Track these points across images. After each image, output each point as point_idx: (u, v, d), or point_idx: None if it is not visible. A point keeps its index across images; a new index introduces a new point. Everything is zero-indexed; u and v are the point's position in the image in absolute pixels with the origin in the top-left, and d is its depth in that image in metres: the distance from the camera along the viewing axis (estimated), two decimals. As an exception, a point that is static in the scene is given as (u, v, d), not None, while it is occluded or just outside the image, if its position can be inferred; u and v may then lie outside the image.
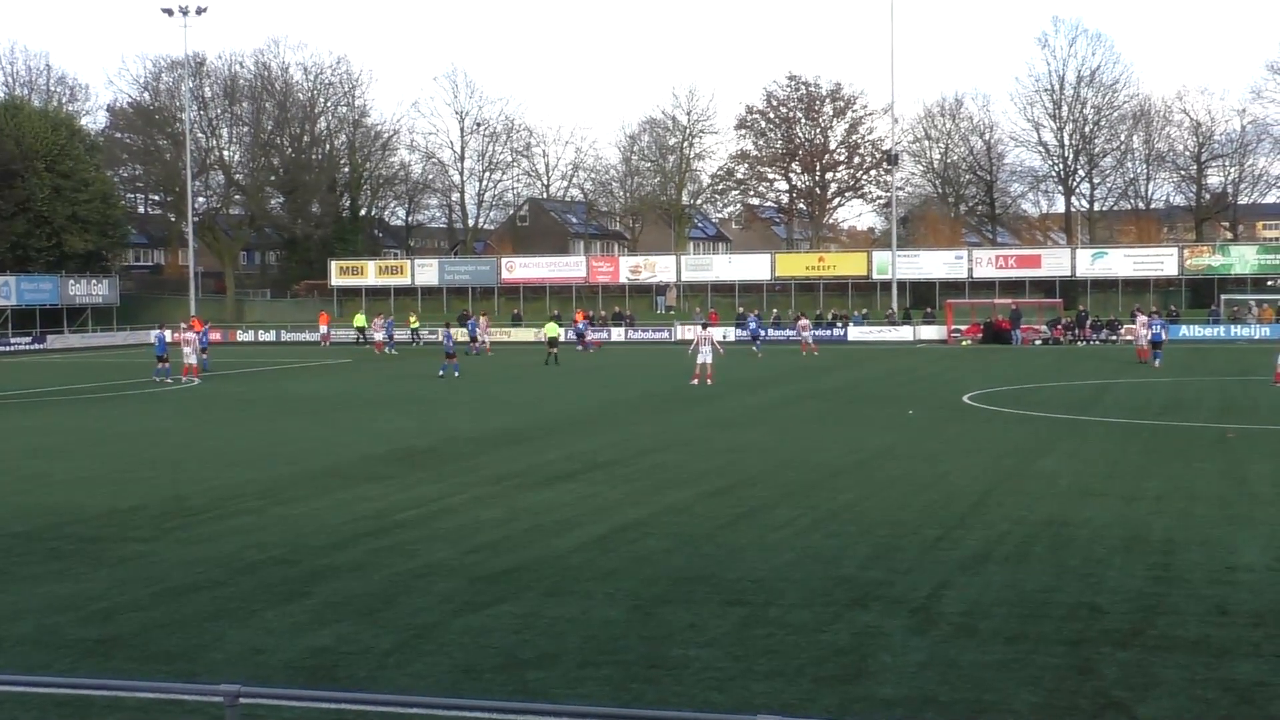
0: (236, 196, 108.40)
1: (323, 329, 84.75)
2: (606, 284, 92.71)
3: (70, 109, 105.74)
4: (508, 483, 23.09)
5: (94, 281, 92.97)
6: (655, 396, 40.40)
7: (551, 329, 62.88)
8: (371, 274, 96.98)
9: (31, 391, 46.60)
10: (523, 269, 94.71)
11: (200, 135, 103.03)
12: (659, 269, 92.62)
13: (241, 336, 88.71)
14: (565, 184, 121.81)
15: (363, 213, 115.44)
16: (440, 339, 58.21)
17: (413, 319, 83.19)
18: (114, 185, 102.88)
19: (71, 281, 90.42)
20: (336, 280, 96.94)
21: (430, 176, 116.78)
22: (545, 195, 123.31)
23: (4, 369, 61.68)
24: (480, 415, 35.24)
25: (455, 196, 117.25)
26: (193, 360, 51.66)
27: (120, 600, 14.79)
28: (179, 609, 14.35)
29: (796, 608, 14.04)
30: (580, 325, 76.37)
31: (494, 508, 20.60)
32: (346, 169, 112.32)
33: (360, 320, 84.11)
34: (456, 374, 51.47)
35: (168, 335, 54.20)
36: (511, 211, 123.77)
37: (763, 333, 73.46)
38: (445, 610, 14.19)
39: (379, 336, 75.23)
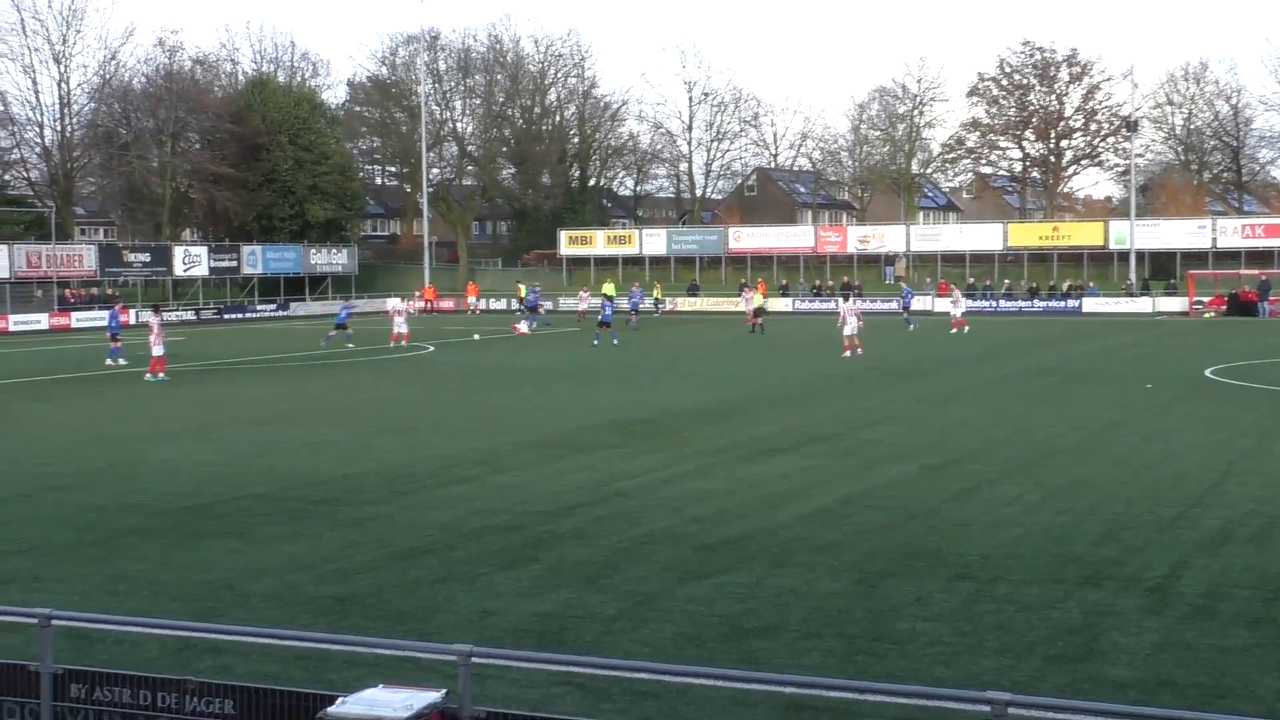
0: (469, 168, 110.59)
1: (471, 300, 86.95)
2: (834, 254, 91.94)
3: (312, 84, 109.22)
4: (726, 454, 23.13)
5: (334, 251, 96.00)
6: (870, 371, 39.96)
7: (757, 299, 62.94)
8: (600, 244, 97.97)
9: (273, 357, 48.39)
10: (750, 239, 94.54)
11: (435, 108, 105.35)
12: (887, 239, 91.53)
13: (472, 304, 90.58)
14: (793, 153, 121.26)
15: (591, 183, 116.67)
16: (598, 307, 57.47)
17: (658, 289, 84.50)
18: (352, 157, 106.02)
19: (313, 251, 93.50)
20: (566, 250, 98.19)
21: (658, 147, 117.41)
22: (773, 165, 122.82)
23: (250, 335, 64.18)
24: (695, 388, 35.31)
25: (683, 166, 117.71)
26: (403, 329, 52.91)
27: (355, 561, 15.29)
28: (410, 571, 14.78)
29: (1025, 584, 13.79)
30: (635, 295, 70.81)
31: (714, 478, 20.67)
32: (576, 140, 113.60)
33: (610, 289, 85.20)
34: (615, 341, 51.95)
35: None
36: (739, 181, 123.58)
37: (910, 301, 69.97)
38: (669, 578, 14.31)
39: (624, 305, 73.57)
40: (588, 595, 13.65)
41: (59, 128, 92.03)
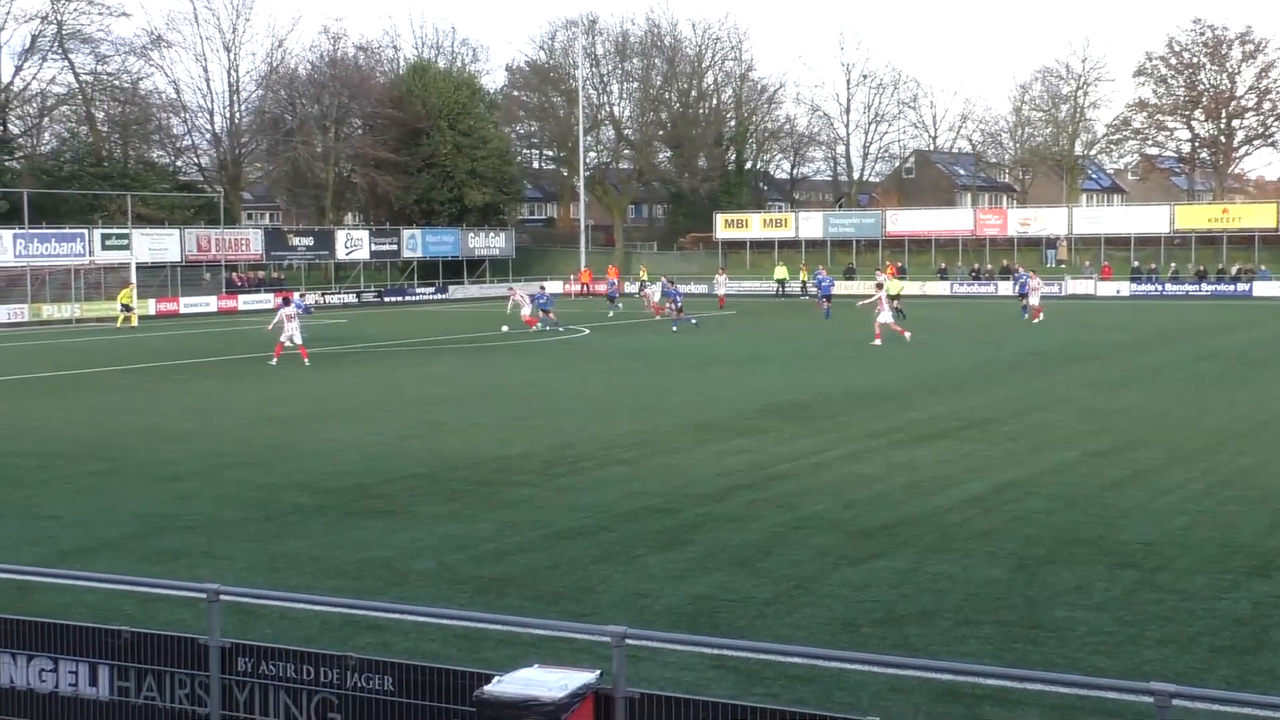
0: (626, 151, 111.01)
1: (577, 286, 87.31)
2: (994, 237, 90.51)
3: (472, 70, 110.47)
4: (883, 439, 22.91)
5: (491, 234, 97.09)
6: (1033, 355, 39.27)
7: (894, 285, 61.25)
8: (756, 227, 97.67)
9: (432, 340, 49.11)
10: (907, 221, 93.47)
11: (592, 92, 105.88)
12: (1049, 222, 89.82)
13: (628, 289, 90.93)
14: (953, 135, 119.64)
15: (748, 166, 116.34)
16: (660, 293, 55.92)
17: (804, 271, 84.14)
18: (510, 141, 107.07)
19: (471, 234, 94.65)
20: (722, 233, 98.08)
21: (815, 129, 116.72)
22: (932, 147, 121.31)
23: (409, 317, 65.21)
24: (852, 372, 35.03)
25: (840, 149, 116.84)
26: (526, 312, 53.32)
27: (511, 541, 15.46)
28: (565, 552, 14.90)
29: (1190, 573, 13.46)
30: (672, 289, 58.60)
31: (870, 463, 20.50)
32: (732, 123, 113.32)
33: (781, 272, 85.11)
34: (694, 322, 51.37)
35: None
36: (897, 164, 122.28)
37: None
38: (824, 563, 14.24)
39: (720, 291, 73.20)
40: (742, 579, 13.63)
41: (228, 114, 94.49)
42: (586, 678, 8.08)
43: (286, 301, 42.58)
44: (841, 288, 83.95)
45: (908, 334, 43.92)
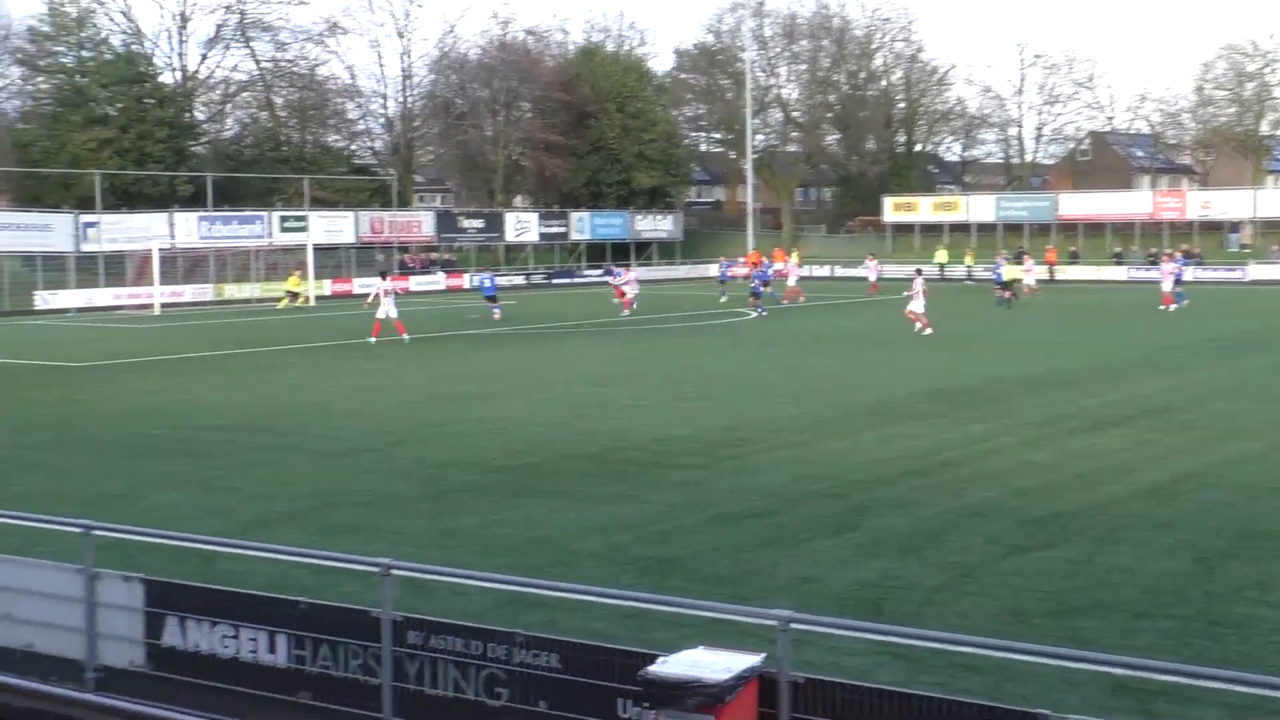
0: (794, 134, 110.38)
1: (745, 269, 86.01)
2: (1173, 220, 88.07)
3: (640, 53, 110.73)
4: (1056, 425, 22.48)
5: (659, 217, 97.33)
6: (1214, 342, 38.15)
7: (1011, 272, 59.24)
8: (925, 210, 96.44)
9: (598, 321, 49.41)
10: (1081, 204, 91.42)
11: (760, 74, 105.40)
12: (1232, 204, 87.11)
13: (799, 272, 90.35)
14: (1130, 116, 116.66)
15: (917, 148, 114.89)
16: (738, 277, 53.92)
17: (969, 256, 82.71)
18: (678, 124, 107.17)
19: (639, 217, 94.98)
20: (890, 216, 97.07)
21: (987, 111, 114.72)
22: (1108, 128, 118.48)
23: (578, 299, 65.68)
24: (1022, 357, 34.39)
25: (1012, 131, 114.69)
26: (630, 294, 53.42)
27: (677, 523, 15.51)
28: (731, 535, 14.90)
29: (1378, 573, 12.98)
30: (762, 270, 57.05)
31: (1042, 450, 20.13)
32: (902, 104, 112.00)
33: (943, 256, 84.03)
34: (764, 313, 50.39)
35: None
36: (1071, 145, 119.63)
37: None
38: (993, 551, 14.03)
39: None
40: (909, 565, 13.50)
41: (401, 99, 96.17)
42: (751, 661, 8.08)
43: (383, 276, 44.41)
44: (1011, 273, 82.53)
45: (929, 329, 41.70)
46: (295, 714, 9.59)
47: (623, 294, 53.97)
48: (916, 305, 42.94)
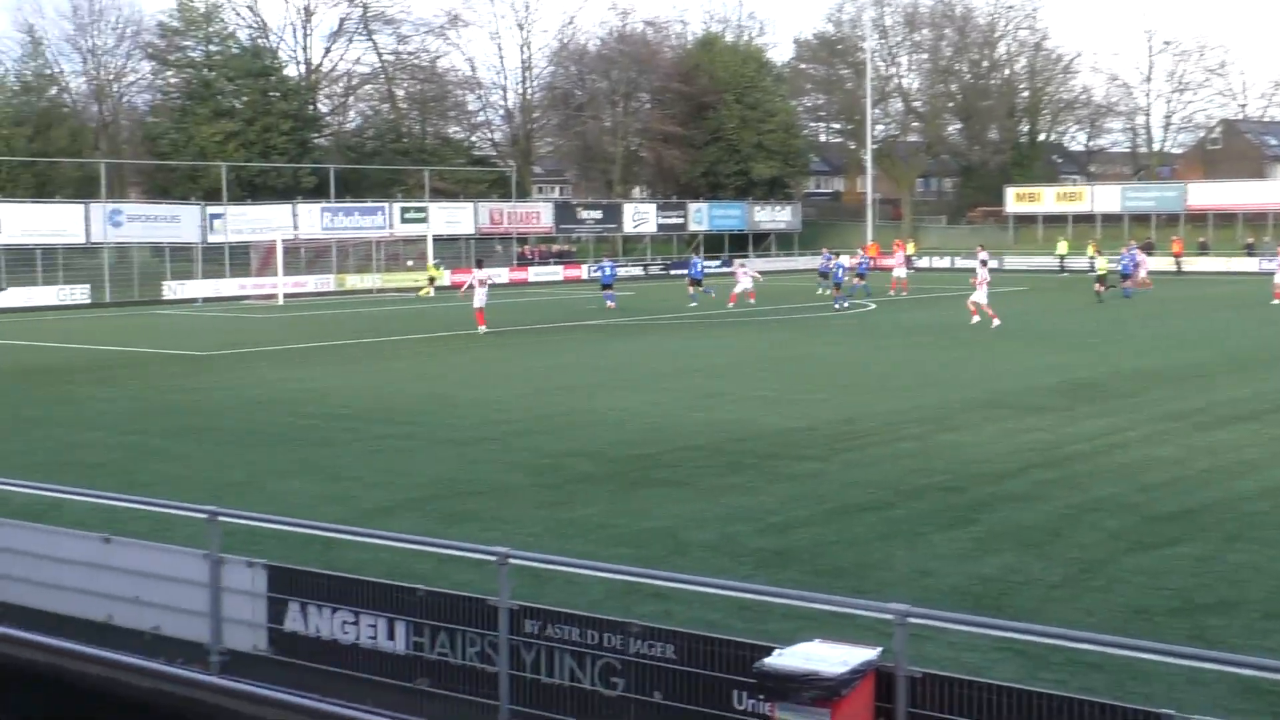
0: (914, 123, 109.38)
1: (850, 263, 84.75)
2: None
3: (759, 43, 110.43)
4: (1182, 420, 22.03)
5: (777, 208, 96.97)
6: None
7: (1103, 266, 57.12)
8: (1048, 200, 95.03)
9: (715, 313, 49.34)
10: (1212, 194, 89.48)
11: (880, 64, 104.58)
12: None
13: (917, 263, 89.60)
14: (1264, 103, 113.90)
15: (1041, 138, 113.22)
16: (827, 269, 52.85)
17: (1092, 247, 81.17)
18: (797, 114, 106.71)
19: (757, 208, 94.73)
20: (1013, 207, 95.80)
21: (1113, 99, 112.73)
22: (1240, 116, 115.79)
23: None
24: (1146, 350, 33.75)
25: (1139, 119, 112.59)
26: (747, 287, 52.99)
27: (794, 515, 15.43)
28: (849, 527, 14.80)
29: None
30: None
31: (1167, 445, 19.73)
32: (1025, 93, 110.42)
33: (1063, 248, 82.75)
34: (845, 305, 49.68)
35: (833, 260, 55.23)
36: (1201, 134, 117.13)
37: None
38: (1116, 547, 13.79)
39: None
40: (1029, 560, 13.32)
41: (520, 90, 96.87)
42: (868, 655, 8.02)
43: (479, 265, 46.21)
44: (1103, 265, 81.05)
45: (996, 320, 40.41)
46: (413, 700, 9.69)
47: (734, 292, 53.51)
48: (979, 296, 42.01)
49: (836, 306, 50.29)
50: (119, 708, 3.01)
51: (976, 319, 41.08)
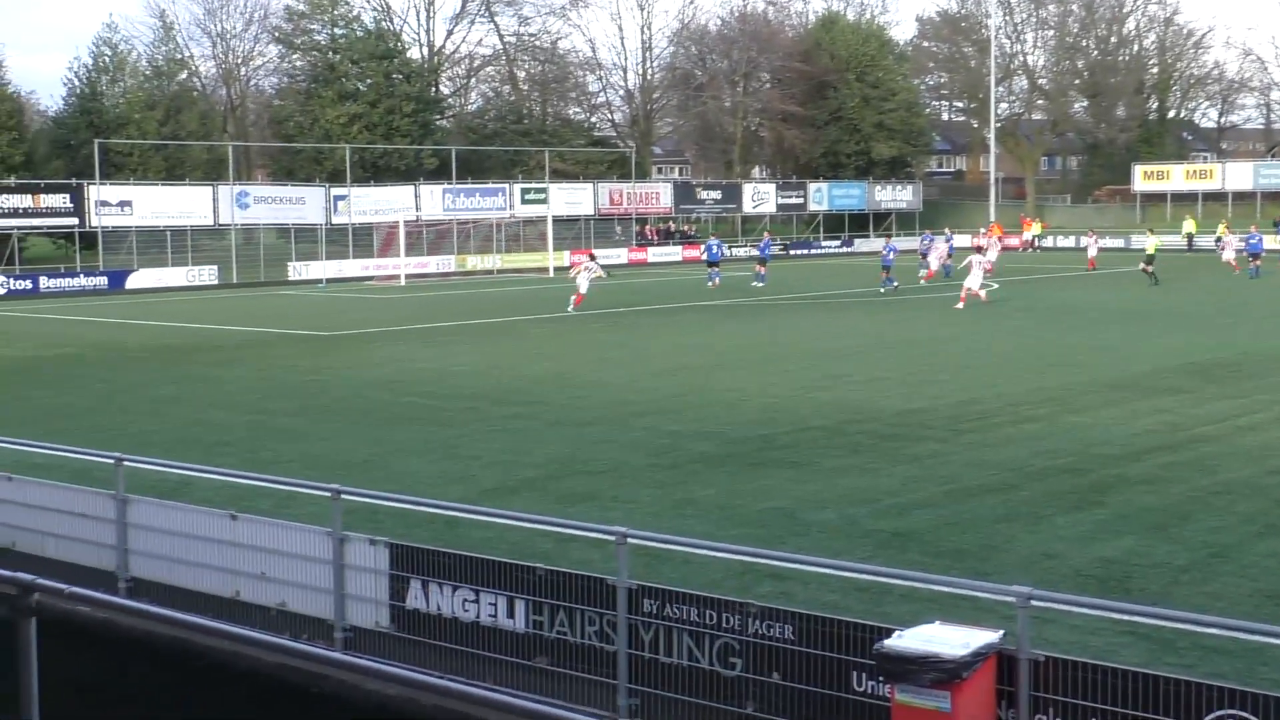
0: (1039, 102, 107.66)
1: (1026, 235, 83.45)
2: None
3: (880, 21, 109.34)
4: (1320, 402, 21.49)
5: (898, 187, 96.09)
6: None
7: (1153, 247, 54.34)
8: (1177, 178, 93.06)
9: (835, 293, 49.05)
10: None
11: (1004, 41, 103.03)
12: None
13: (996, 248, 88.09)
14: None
15: (1170, 115, 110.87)
16: (885, 253, 51.07)
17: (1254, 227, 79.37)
18: (919, 93, 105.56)
19: (878, 188, 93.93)
20: (1140, 185, 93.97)
21: (1247, 75, 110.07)
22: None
23: (814, 270, 65.35)
24: (1274, 331, 32.92)
25: (1274, 95, 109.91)
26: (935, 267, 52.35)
27: (914, 496, 15.31)
28: (970, 509, 14.64)
29: None
30: (944, 240, 58.93)
31: (1303, 428, 19.28)
32: (1155, 69, 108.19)
33: (1190, 227, 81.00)
34: (892, 286, 47.79)
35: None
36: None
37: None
38: (1246, 531, 13.50)
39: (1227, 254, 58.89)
40: (1155, 544, 13.08)
41: (640, 71, 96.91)
42: (989, 638, 7.93)
43: (592, 257, 47.03)
44: (1271, 242, 79.13)
45: (961, 304, 40.22)
46: (532, 678, 9.77)
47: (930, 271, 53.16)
48: (972, 280, 41.14)
49: (883, 290, 47.97)
50: (245, 682, 3.07)
51: (959, 304, 40.54)
